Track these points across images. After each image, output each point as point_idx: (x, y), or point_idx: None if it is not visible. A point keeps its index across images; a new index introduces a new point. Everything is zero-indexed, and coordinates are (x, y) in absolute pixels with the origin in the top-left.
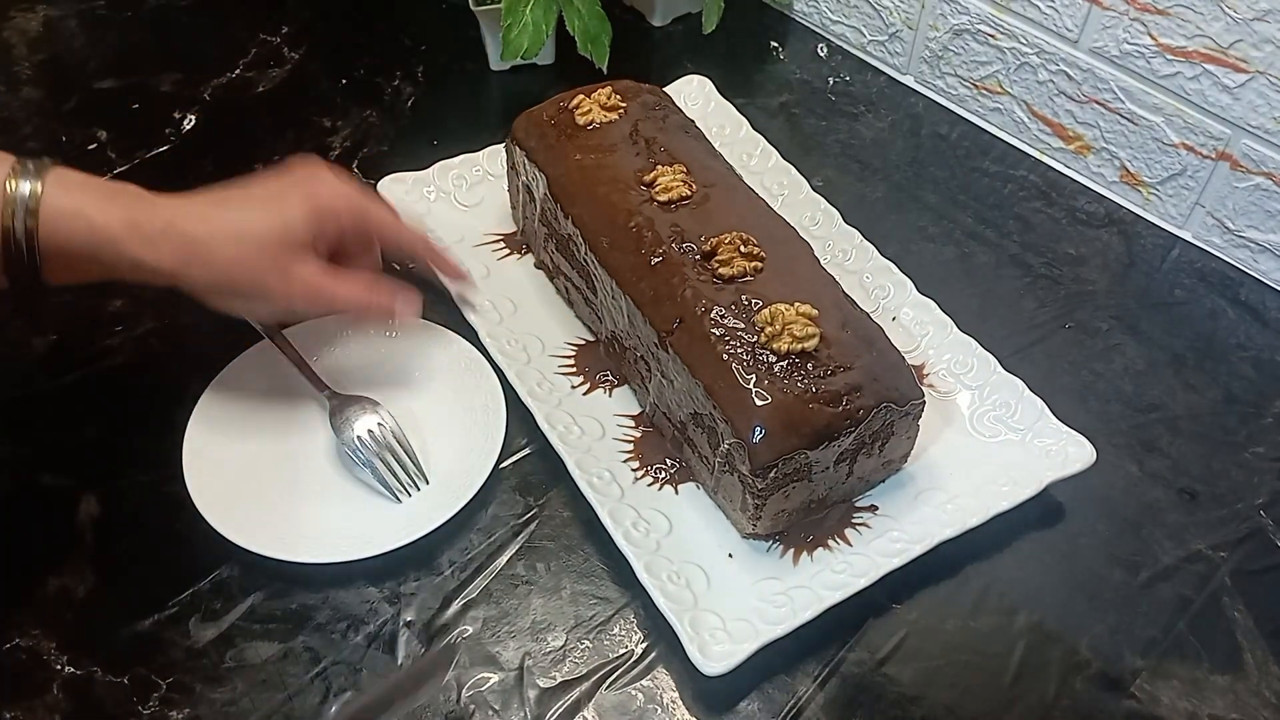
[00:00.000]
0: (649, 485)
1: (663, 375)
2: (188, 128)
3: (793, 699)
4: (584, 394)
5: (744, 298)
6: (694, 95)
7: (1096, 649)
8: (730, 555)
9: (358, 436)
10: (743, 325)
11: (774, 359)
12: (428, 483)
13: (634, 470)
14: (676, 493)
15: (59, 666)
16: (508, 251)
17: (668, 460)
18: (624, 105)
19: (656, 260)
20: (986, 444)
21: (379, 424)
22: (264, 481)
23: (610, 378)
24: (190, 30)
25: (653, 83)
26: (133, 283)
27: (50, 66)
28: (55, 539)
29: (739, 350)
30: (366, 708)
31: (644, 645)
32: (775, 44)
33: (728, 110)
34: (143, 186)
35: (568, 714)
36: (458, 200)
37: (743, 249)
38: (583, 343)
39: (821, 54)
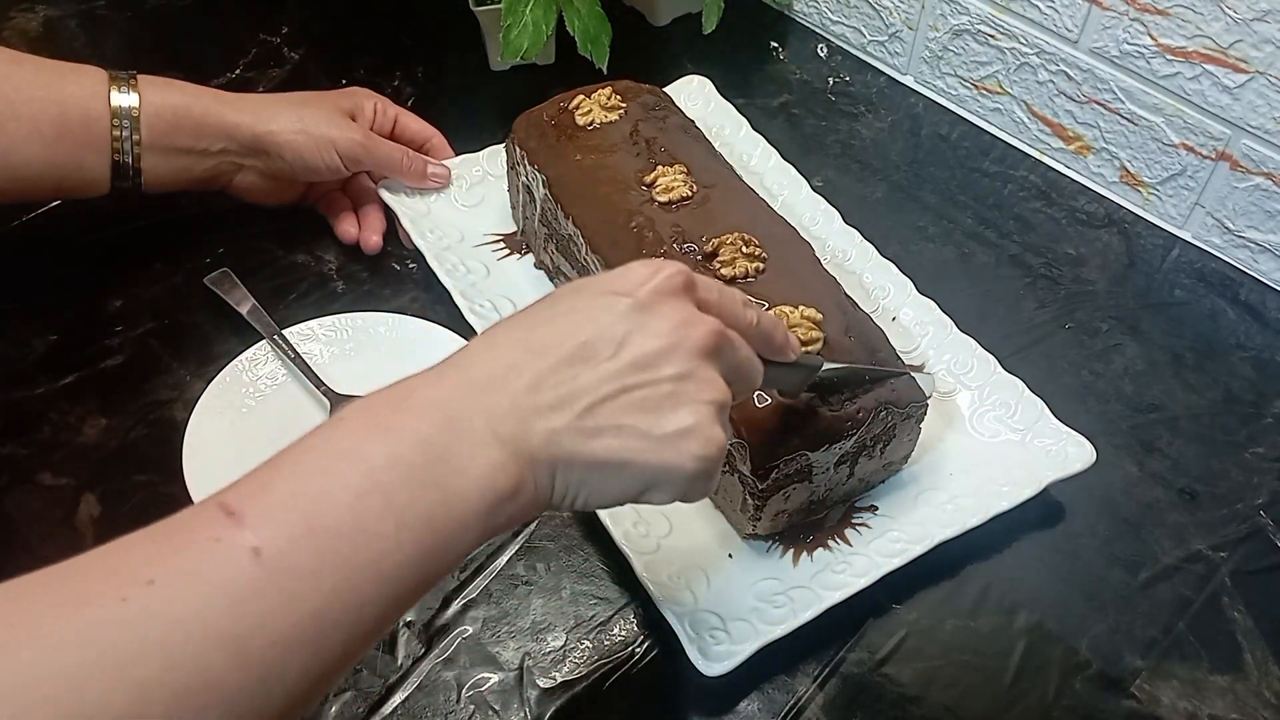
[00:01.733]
0: None
1: None
2: None
3: (793, 699)
4: None
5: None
6: (694, 95)
7: (1096, 649)
8: (730, 555)
9: None
10: None
11: None
12: None
13: None
14: None
15: None
16: (508, 251)
17: None
18: (624, 105)
19: None
20: (986, 444)
21: None
22: None
23: None
24: (190, 30)
25: (653, 83)
26: (218, 177)
27: None
28: (55, 539)
29: None
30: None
31: (644, 645)
32: (775, 44)
33: (728, 110)
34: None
35: (568, 714)
36: (458, 200)
37: (744, 249)
38: None
39: (821, 54)
